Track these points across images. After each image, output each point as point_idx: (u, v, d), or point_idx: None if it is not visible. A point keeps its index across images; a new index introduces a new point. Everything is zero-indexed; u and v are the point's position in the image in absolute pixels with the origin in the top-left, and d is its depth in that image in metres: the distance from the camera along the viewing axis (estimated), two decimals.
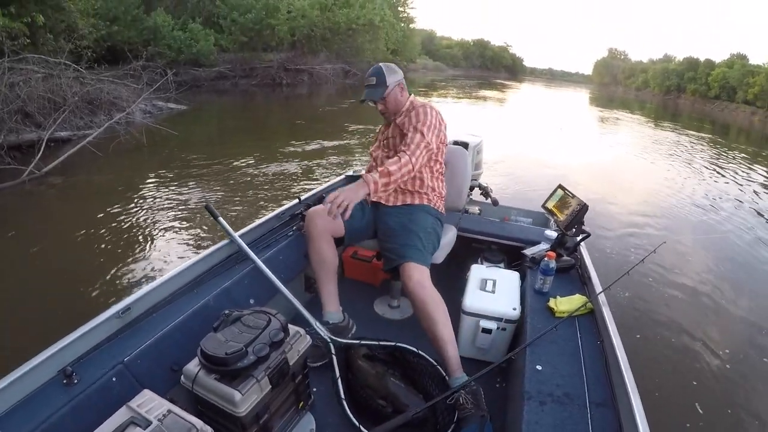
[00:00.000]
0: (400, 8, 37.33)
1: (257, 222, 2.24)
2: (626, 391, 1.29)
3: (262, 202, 5.19)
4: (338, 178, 3.10)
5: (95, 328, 1.44)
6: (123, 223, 4.39)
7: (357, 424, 1.57)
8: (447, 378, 1.69)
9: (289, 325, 1.49)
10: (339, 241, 2.02)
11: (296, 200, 2.48)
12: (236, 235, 1.97)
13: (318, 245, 1.91)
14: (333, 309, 1.96)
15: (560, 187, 2.47)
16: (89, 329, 1.42)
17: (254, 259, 1.92)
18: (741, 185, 8.62)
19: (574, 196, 2.31)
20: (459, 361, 1.69)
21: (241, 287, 1.88)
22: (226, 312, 1.45)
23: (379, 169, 1.77)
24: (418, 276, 1.73)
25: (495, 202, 3.00)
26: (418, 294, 1.70)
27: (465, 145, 3.15)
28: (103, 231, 4.20)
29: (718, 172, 9.63)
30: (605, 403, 1.37)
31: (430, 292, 1.72)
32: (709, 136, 17.72)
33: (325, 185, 2.92)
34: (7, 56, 6.76)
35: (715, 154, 12.56)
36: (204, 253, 1.90)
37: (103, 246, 3.93)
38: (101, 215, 4.55)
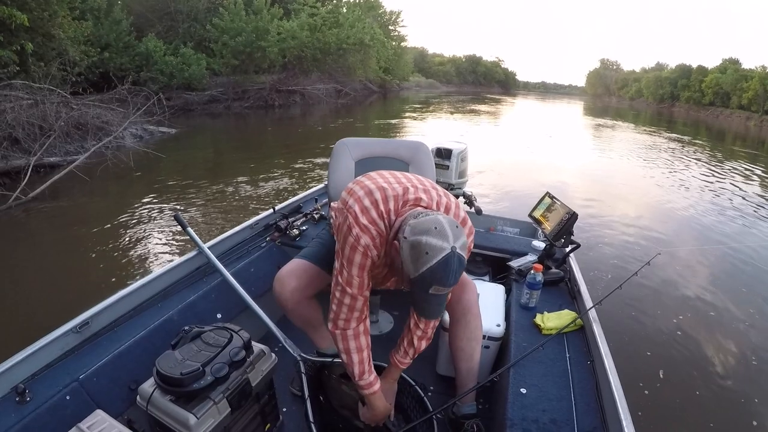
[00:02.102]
0: (390, 27, 37.82)
1: (229, 232, 2.17)
2: (618, 418, 1.20)
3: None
4: (318, 186, 3.05)
5: (51, 343, 1.38)
6: (103, 244, 4.37)
7: None
8: (425, 399, 1.59)
9: (254, 343, 1.41)
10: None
11: (270, 210, 2.41)
12: (204, 246, 1.90)
13: (296, 313, 1.61)
14: (325, 345, 1.73)
15: (548, 195, 2.39)
16: (45, 344, 1.36)
17: (222, 271, 1.85)
18: (738, 191, 8.53)
19: (562, 205, 2.23)
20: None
21: (208, 301, 1.80)
22: (186, 328, 1.38)
23: (411, 353, 1.48)
24: (473, 287, 1.62)
25: (479, 211, 2.92)
26: (474, 307, 1.59)
27: (449, 153, 3.10)
28: (82, 251, 4.18)
29: (713, 179, 9.55)
30: (595, 431, 1.28)
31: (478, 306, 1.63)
32: (705, 142, 17.74)
33: (301, 195, 2.87)
34: None
35: (710, 160, 12.54)
36: (170, 264, 1.83)
37: (82, 267, 3.91)
38: (82, 237, 4.54)
